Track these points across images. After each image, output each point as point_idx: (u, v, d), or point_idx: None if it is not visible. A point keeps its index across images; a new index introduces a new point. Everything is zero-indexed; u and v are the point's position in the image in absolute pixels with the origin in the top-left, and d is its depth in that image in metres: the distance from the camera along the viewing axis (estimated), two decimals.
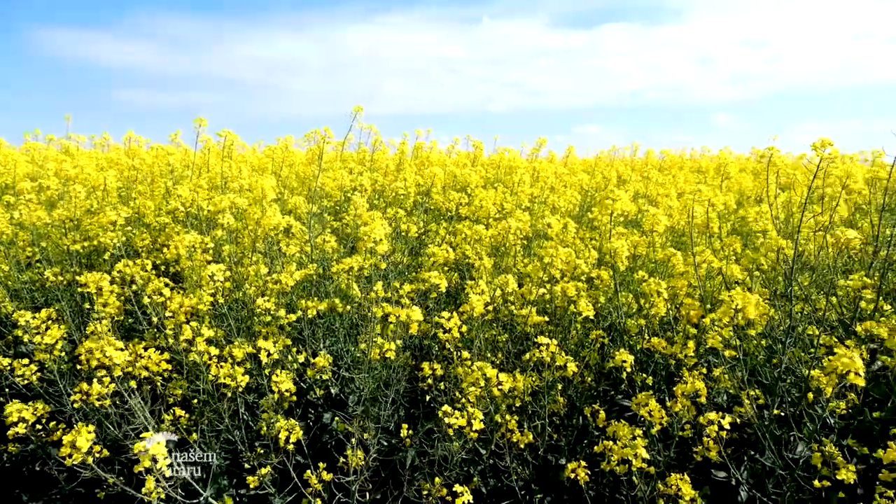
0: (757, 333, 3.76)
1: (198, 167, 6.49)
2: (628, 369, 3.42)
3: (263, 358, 3.34)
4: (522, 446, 3.59)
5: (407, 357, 4.40)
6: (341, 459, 3.43)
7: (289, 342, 3.82)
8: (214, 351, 3.42)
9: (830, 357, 2.75)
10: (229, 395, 3.43)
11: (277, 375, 3.51)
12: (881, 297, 3.64)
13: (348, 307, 4.06)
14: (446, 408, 3.05)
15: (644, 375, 3.84)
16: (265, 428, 3.41)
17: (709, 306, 3.90)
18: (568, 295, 3.71)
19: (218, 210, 4.38)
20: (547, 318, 4.00)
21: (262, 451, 3.66)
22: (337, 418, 3.86)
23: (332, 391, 4.21)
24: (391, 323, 3.45)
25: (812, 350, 3.61)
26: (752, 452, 3.73)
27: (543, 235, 4.66)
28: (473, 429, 3.05)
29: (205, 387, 3.64)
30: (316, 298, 4.14)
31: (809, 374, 3.17)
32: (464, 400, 3.24)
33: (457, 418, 3.01)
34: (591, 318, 3.69)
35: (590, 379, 4.08)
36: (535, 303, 4.15)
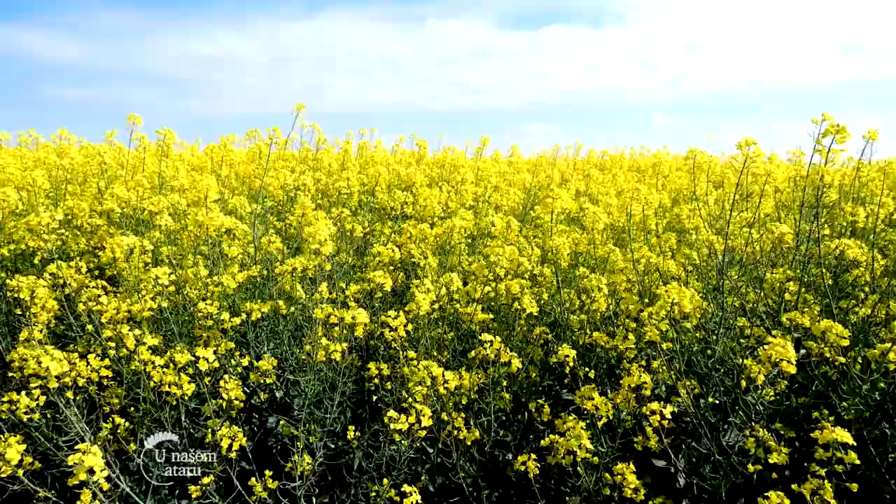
0: (692, 326, 3.93)
1: (133, 167, 6.25)
2: (571, 364, 3.50)
3: (203, 366, 3.25)
4: (469, 443, 3.62)
5: (353, 358, 4.37)
6: (287, 464, 3.38)
7: (232, 346, 3.74)
8: (160, 360, 3.30)
9: (765, 346, 2.90)
10: (173, 402, 3.32)
11: (226, 382, 3.43)
12: (804, 289, 3.86)
13: (292, 309, 4.00)
14: (392, 413, 3.05)
15: (587, 369, 3.94)
16: (209, 435, 3.32)
17: (647, 301, 4.04)
18: (512, 292, 3.77)
19: (156, 211, 4.24)
20: (492, 316, 4.05)
21: (205, 458, 3.57)
22: (282, 422, 3.80)
23: (277, 395, 4.14)
24: (336, 325, 3.42)
25: (743, 340, 3.79)
26: (690, 440, 3.88)
27: (488, 234, 4.72)
28: (422, 425, 3.06)
29: (146, 395, 3.52)
30: (260, 300, 4.06)
31: (742, 364, 3.33)
32: (410, 399, 3.25)
33: (402, 423, 3.01)
34: (535, 314, 3.76)
35: (535, 374, 4.16)
36: (480, 300, 4.20)
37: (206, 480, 3.24)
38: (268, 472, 3.28)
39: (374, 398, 3.86)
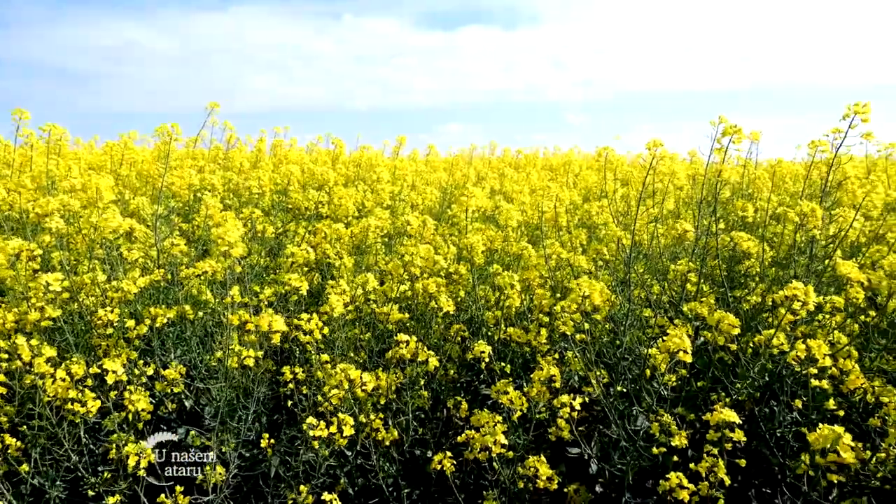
0: (602, 318, 4.09)
1: (19, 165, 5.79)
2: (486, 359, 3.56)
3: (111, 379, 3.05)
4: (388, 444, 3.61)
5: (268, 362, 4.24)
6: (199, 477, 3.24)
7: (134, 355, 3.53)
8: (60, 373, 3.05)
9: (664, 337, 3.06)
10: (76, 420, 3.10)
11: (131, 393, 3.23)
12: (702, 280, 4.10)
13: (201, 314, 3.83)
14: (311, 420, 2.99)
15: (502, 364, 4.01)
16: (113, 451, 3.13)
17: (559, 295, 4.16)
18: (428, 291, 3.78)
19: (45, 213, 3.93)
20: (408, 315, 4.05)
21: (109, 476, 3.35)
22: (192, 433, 3.64)
23: (187, 404, 3.95)
24: (250, 331, 3.31)
25: (649, 330, 3.99)
26: (601, 427, 4.04)
27: (404, 233, 4.71)
28: (343, 435, 3.01)
29: (40, 410, 3.26)
30: (164, 306, 3.86)
31: (646, 353, 3.50)
32: (326, 403, 3.19)
33: (322, 430, 2.95)
34: (452, 312, 3.79)
35: (452, 371, 4.20)
36: (397, 300, 4.18)
37: (111, 500, 3.05)
38: (178, 488, 3.13)
39: (290, 403, 3.77)
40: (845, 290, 3.58)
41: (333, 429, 2.99)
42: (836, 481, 2.69)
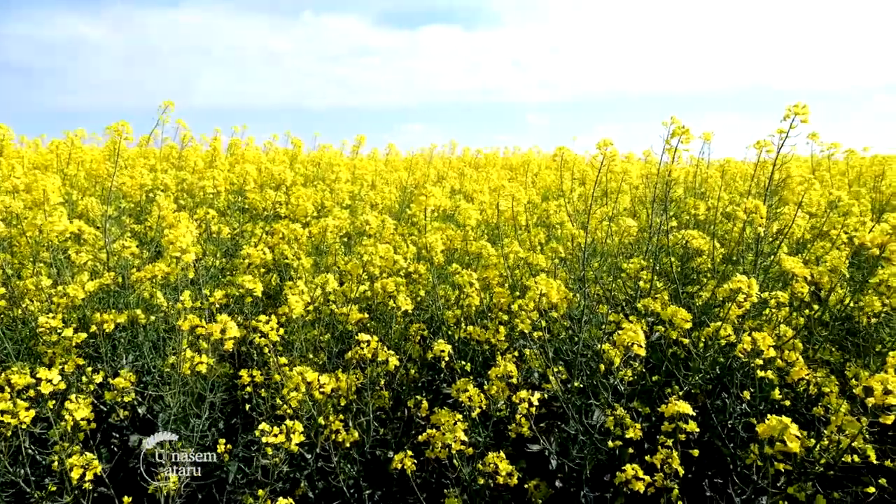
0: (560, 315, 4.15)
1: None
2: (446, 358, 3.56)
3: (46, 389, 2.94)
4: (349, 445, 3.58)
5: (225, 366, 4.16)
6: (151, 486, 3.15)
7: (82, 362, 3.42)
8: None
9: (619, 332, 3.12)
10: (6, 432, 2.97)
11: (71, 402, 3.12)
12: (655, 276, 4.20)
13: (153, 318, 3.73)
14: (264, 426, 2.94)
15: (463, 363, 4.03)
16: (57, 462, 3.02)
17: (517, 293, 4.20)
18: (388, 291, 3.76)
19: None
20: (368, 315, 4.03)
21: (54, 489, 3.24)
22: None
23: (140, 411, 3.85)
24: (203, 337, 3.23)
25: (605, 326, 4.06)
26: (560, 423, 4.10)
27: (364, 233, 4.69)
28: (293, 443, 2.97)
29: None
30: (115, 311, 3.74)
31: (602, 349, 3.56)
32: (285, 407, 3.15)
33: (275, 435, 2.91)
34: (410, 311, 3.79)
35: (413, 371, 4.19)
36: (356, 300, 4.16)
37: None
38: (126, 499, 3.04)
39: (248, 407, 3.71)
40: (791, 284, 3.72)
41: (283, 437, 2.95)
42: (783, 469, 2.79)
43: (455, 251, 4.95)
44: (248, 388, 3.63)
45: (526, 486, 3.85)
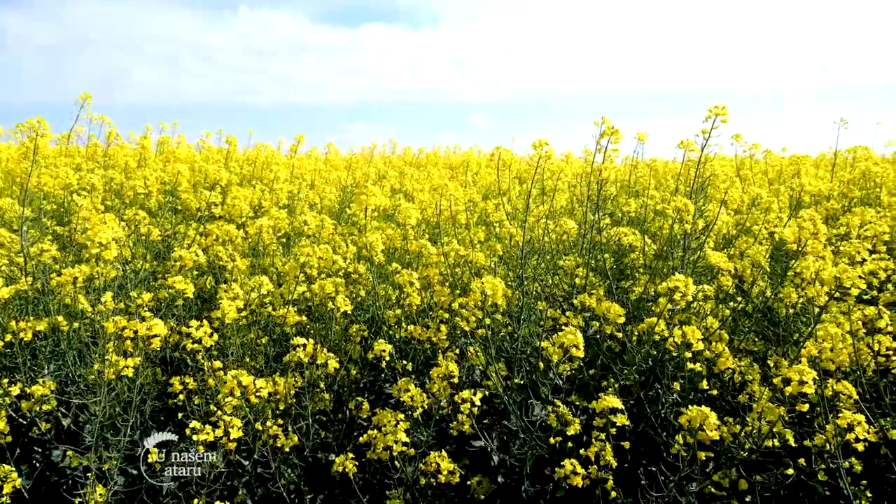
0: (501, 312, 4.20)
1: None
2: (387, 358, 3.55)
3: None
4: (288, 450, 3.52)
5: (157, 372, 4.01)
6: (76, 500, 3.01)
7: None
8: None
9: (559, 332, 3.18)
10: None
11: None
12: (591, 273, 4.31)
13: (76, 325, 3.55)
14: (194, 423, 2.85)
15: (404, 362, 4.02)
16: None
17: (458, 292, 4.22)
18: (326, 292, 3.71)
19: None
20: (307, 317, 3.97)
21: None
22: (70, 453, 3.37)
23: (64, 423, 3.66)
24: (130, 339, 3.10)
25: (542, 323, 4.13)
26: (502, 420, 4.15)
27: (302, 233, 4.61)
28: (231, 438, 2.89)
29: None
30: (33, 317, 3.54)
31: (542, 346, 3.63)
32: (220, 413, 3.06)
33: (207, 434, 2.82)
34: (350, 312, 3.75)
35: (354, 372, 4.16)
36: (294, 302, 4.08)
37: None
38: None
39: (182, 414, 3.58)
40: (717, 278, 3.89)
41: (220, 432, 2.86)
42: (710, 456, 2.91)
43: (396, 250, 4.93)
44: (182, 396, 3.51)
45: (469, 482, 3.88)
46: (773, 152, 6.91)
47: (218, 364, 3.25)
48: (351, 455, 3.21)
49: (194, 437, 2.82)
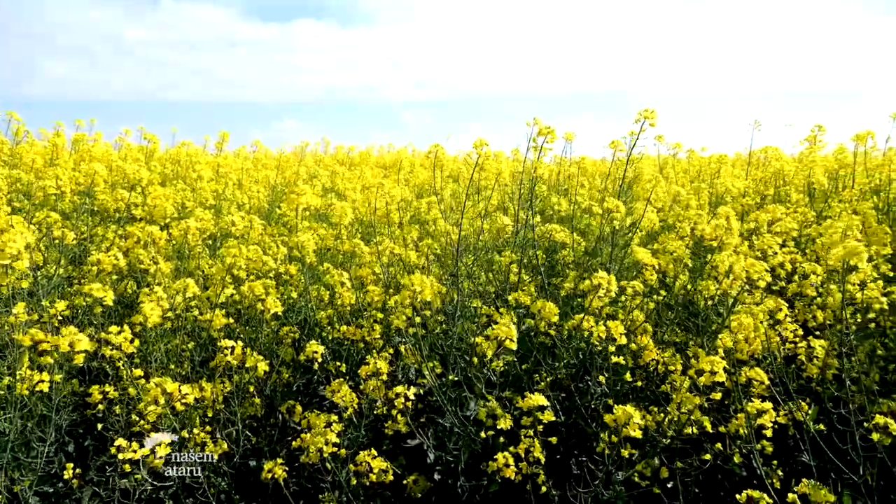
0: (435, 310, 4.21)
1: None
2: (319, 360, 3.50)
3: None
4: (217, 457, 3.41)
5: (73, 384, 3.80)
6: None
7: None
8: None
9: (493, 326, 3.22)
10: None
11: None
12: (523, 269, 4.39)
13: None
14: (120, 441, 2.72)
15: (338, 363, 3.97)
16: None
17: (392, 291, 4.21)
18: (256, 293, 3.62)
19: None
20: (235, 320, 3.86)
21: None
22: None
23: None
24: (47, 353, 2.91)
25: (477, 320, 4.18)
26: (437, 417, 4.17)
27: (229, 234, 4.47)
28: (159, 456, 2.78)
29: None
30: None
31: (475, 342, 3.67)
32: (142, 422, 2.93)
33: (134, 450, 2.70)
34: (281, 314, 3.67)
35: (287, 375, 4.08)
36: (223, 305, 3.96)
37: None
38: None
39: (101, 426, 3.41)
40: (642, 273, 4.04)
41: (146, 451, 2.74)
42: (628, 454, 3.02)
43: (329, 250, 4.86)
44: (101, 406, 3.35)
45: (405, 481, 3.88)
46: (694, 152, 7.25)
47: (139, 372, 3.11)
48: (281, 461, 3.14)
49: (119, 456, 2.69)
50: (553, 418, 2.88)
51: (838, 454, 3.20)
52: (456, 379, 3.90)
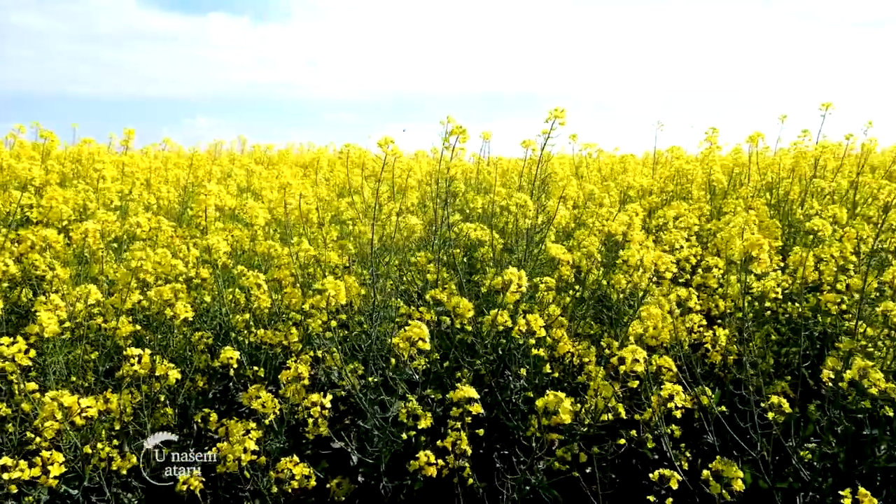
0: (355, 311, 4.17)
1: None
2: (235, 365, 3.39)
3: None
4: (125, 472, 3.23)
5: None
6: None
7: None
8: None
9: (406, 327, 3.22)
10: None
11: None
12: (444, 267, 4.42)
13: None
14: (6, 460, 2.53)
15: (255, 368, 3.86)
16: None
17: (311, 292, 4.13)
18: (165, 298, 3.46)
19: None
20: (144, 327, 3.67)
21: None
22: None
23: None
24: None
25: (397, 319, 4.17)
26: (358, 420, 4.13)
27: (136, 237, 4.25)
28: (52, 476, 2.59)
29: None
30: None
31: (393, 342, 3.66)
32: (39, 440, 2.73)
33: (22, 470, 2.51)
34: (191, 319, 3.53)
35: (202, 382, 3.93)
36: (131, 311, 3.76)
37: None
38: None
39: None
40: (558, 268, 4.17)
41: (37, 470, 2.56)
42: (554, 438, 3.12)
43: (244, 252, 4.71)
44: None
45: (328, 485, 3.82)
46: (603, 151, 7.58)
47: (32, 385, 2.90)
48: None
49: (4, 476, 2.49)
50: (482, 411, 2.93)
51: (739, 433, 3.43)
52: (377, 380, 3.88)
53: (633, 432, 3.52)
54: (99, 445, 3.05)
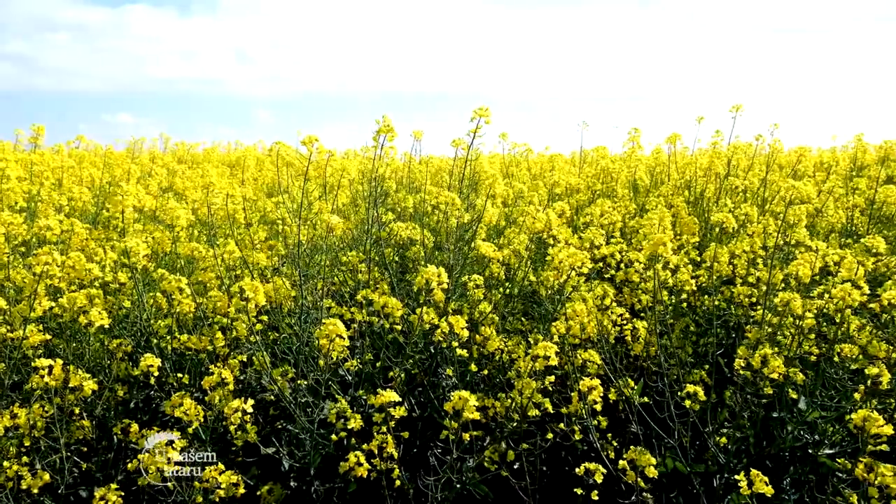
0: (286, 312, 4.10)
1: None
2: (156, 373, 3.26)
3: None
4: (37, 490, 3.06)
5: None
6: None
7: None
8: None
9: (322, 326, 3.18)
10: None
11: None
12: (376, 268, 4.40)
13: None
14: None
15: (180, 375, 3.73)
16: None
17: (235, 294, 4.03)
18: (78, 305, 3.29)
19: None
20: (55, 336, 3.48)
21: None
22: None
23: None
24: None
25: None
26: (288, 424, 4.06)
27: (47, 241, 4.01)
28: None
29: None
30: None
31: (318, 344, 3.62)
32: None
33: None
34: (107, 326, 3.37)
35: (122, 392, 3.76)
36: (41, 319, 3.55)
37: None
38: None
39: None
40: (488, 266, 4.23)
41: None
42: (479, 435, 3.16)
43: (166, 255, 4.53)
44: None
45: (259, 492, 3.73)
46: (533, 150, 7.75)
47: None
48: (115, 486, 2.89)
49: None
50: (405, 413, 2.94)
51: (660, 422, 3.58)
52: (308, 383, 3.83)
53: (562, 426, 3.61)
54: (6, 463, 2.87)
